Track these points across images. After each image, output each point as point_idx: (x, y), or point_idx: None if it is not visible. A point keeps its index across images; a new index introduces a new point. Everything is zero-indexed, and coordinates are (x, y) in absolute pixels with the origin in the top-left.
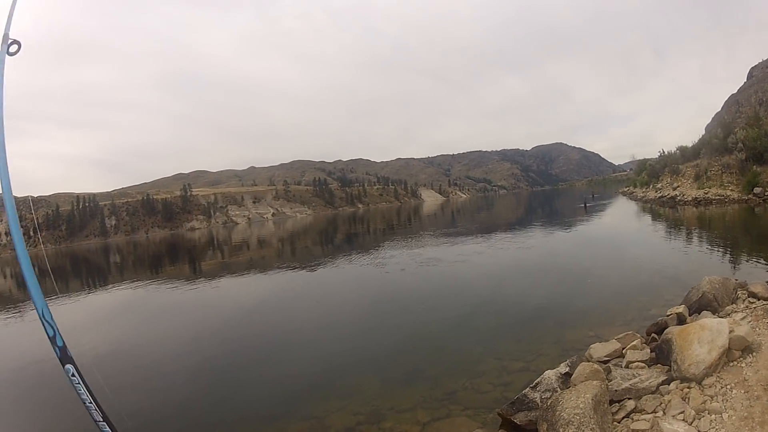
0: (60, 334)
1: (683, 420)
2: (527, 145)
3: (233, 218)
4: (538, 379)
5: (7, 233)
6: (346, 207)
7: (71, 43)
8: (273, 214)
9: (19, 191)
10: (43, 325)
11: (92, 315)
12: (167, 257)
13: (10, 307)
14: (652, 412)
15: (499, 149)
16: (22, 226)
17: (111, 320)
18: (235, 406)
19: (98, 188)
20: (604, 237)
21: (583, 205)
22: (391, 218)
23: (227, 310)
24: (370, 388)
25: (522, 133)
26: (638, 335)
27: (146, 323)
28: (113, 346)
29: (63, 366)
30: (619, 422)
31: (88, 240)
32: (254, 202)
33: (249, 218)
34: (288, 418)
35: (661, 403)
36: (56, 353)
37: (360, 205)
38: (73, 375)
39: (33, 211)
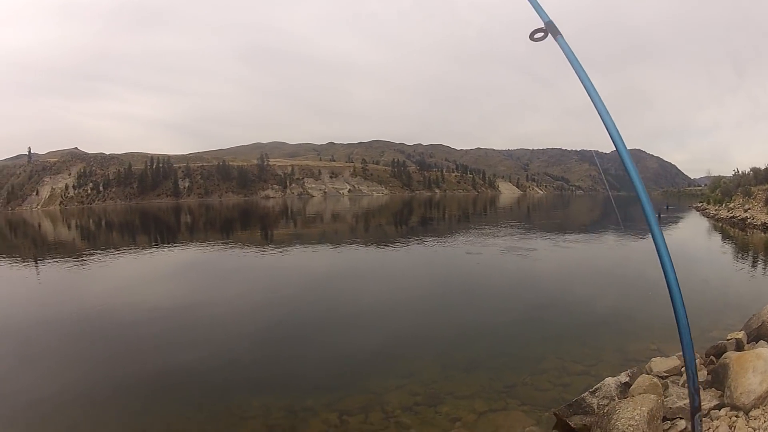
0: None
1: None
2: (606, 149)
3: (309, 191)
4: (598, 384)
5: (74, 187)
6: (422, 190)
7: (151, 9)
8: (349, 191)
9: (90, 148)
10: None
11: (159, 271)
12: (239, 222)
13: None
14: None
15: (578, 149)
16: (91, 181)
17: (178, 277)
18: (292, 373)
19: (173, 151)
20: (674, 251)
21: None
22: (467, 207)
23: (294, 278)
24: (431, 370)
25: (603, 135)
26: (698, 355)
27: (212, 284)
28: (179, 301)
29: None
30: None
31: (159, 199)
32: (331, 177)
33: (325, 192)
34: (345, 390)
35: (709, 429)
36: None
37: (437, 190)
38: None
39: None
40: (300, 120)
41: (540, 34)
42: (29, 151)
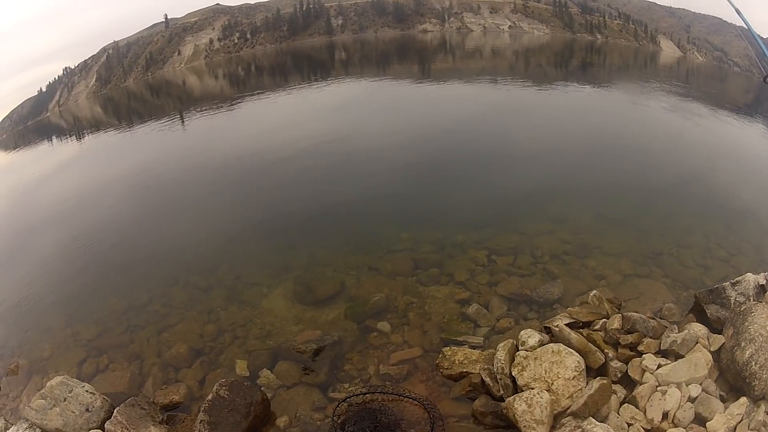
0: None
1: None
2: (763, 33)
3: (468, 25)
4: (740, 278)
5: (219, 39)
6: (584, 34)
7: None
8: (510, 27)
9: (233, 1)
10: None
11: (311, 109)
12: (396, 56)
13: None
14: None
15: (737, 25)
16: (238, 31)
17: (331, 114)
18: (443, 208)
19: None
20: None
21: None
22: (628, 58)
23: (450, 115)
24: (582, 220)
25: (760, 18)
26: None
27: (366, 118)
28: (331, 137)
29: None
30: None
31: (311, 38)
32: (491, 12)
33: (485, 27)
34: (496, 229)
35: None
36: None
37: (599, 36)
38: None
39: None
40: None
41: None
42: (166, 18)
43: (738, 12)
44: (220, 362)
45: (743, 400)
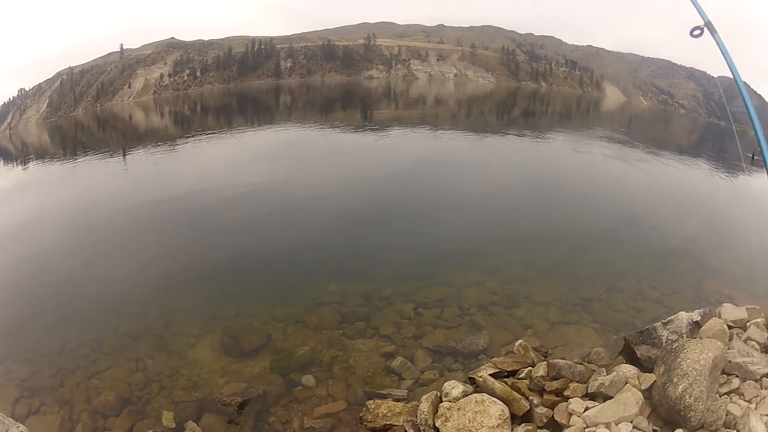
0: None
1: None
2: (714, 72)
3: (414, 72)
4: (671, 317)
5: (170, 75)
6: (529, 82)
7: None
8: (455, 75)
9: (188, 36)
10: None
11: (248, 155)
12: (340, 102)
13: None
14: (747, 401)
15: (687, 66)
16: (188, 68)
17: (267, 160)
18: (373, 261)
19: (276, 32)
20: None
21: (751, 156)
22: (571, 105)
23: (385, 164)
24: (512, 269)
25: (712, 56)
26: (763, 315)
27: (299, 167)
28: (264, 185)
29: None
30: (719, 396)
31: (259, 80)
32: (438, 60)
33: (430, 75)
34: (424, 281)
35: (757, 396)
36: None
37: (543, 83)
38: None
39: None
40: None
41: None
42: (121, 48)
43: None
44: (147, 412)
45: None
